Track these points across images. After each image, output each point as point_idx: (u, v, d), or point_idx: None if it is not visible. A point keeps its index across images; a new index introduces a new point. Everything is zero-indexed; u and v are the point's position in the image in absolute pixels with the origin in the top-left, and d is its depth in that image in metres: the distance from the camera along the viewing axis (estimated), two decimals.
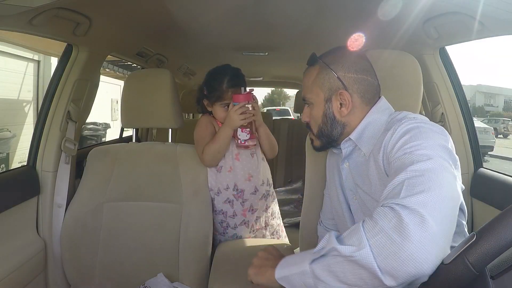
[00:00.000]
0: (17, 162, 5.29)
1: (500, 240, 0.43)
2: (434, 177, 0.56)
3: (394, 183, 0.58)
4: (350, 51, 0.82)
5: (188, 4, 1.13)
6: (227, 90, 1.19)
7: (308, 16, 1.25)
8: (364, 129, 0.78)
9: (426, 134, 0.66)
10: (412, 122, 0.69)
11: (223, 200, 1.25)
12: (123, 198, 1.20)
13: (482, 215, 1.16)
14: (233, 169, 1.25)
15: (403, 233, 0.50)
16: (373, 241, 0.52)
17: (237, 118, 1.12)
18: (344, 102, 0.78)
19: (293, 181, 2.41)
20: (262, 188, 1.29)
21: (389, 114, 0.79)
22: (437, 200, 0.53)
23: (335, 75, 0.79)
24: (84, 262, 1.17)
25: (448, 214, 0.53)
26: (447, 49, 1.23)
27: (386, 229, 0.52)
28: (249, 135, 1.16)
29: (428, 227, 0.50)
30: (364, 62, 0.81)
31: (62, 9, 0.96)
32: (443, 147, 0.64)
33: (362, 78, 0.79)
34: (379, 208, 0.56)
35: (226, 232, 1.28)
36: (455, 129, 1.23)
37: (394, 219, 0.52)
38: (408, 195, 0.54)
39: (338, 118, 0.80)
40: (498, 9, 0.80)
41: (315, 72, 0.82)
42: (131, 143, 1.32)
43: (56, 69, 1.23)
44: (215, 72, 1.26)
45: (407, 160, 0.61)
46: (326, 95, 0.80)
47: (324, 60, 0.82)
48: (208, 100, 1.25)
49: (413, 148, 0.63)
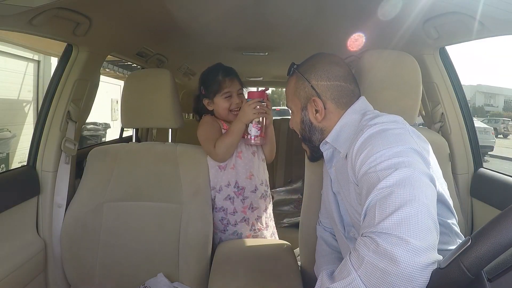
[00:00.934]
0: (17, 162, 5.29)
1: (495, 244, 0.43)
2: (402, 192, 0.56)
3: (367, 207, 0.59)
4: (324, 59, 0.85)
5: (188, 4, 1.13)
6: (224, 79, 1.25)
7: (308, 16, 1.25)
8: (340, 131, 0.81)
9: (388, 140, 0.65)
10: (374, 128, 0.69)
11: (223, 197, 1.27)
12: (123, 198, 1.20)
13: (482, 215, 1.16)
14: (235, 166, 1.27)
15: (384, 258, 0.52)
16: (360, 271, 0.55)
17: (251, 111, 1.15)
18: (318, 108, 0.82)
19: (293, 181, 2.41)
20: (261, 188, 1.31)
21: (362, 114, 0.79)
22: (411, 215, 0.53)
23: (308, 84, 0.83)
24: (84, 262, 1.17)
25: (425, 223, 0.53)
26: (447, 49, 1.23)
27: (368, 257, 0.54)
28: (259, 131, 1.18)
29: (408, 245, 0.50)
30: (338, 69, 0.83)
31: (62, 9, 0.96)
32: (409, 150, 0.63)
33: (334, 84, 0.81)
34: (359, 238, 0.58)
35: (227, 229, 1.28)
36: (455, 129, 1.23)
37: (373, 246, 0.54)
38: (382, 219, 0.54)
39: (315, 124, 0.84)
40: (498, 9, 0.80)
41: (293, 82, 0.88)
42: (131, 143, 1.32)
43: (56, 69, 1.23)
44: (208, 70, 1.32)
45: (373, 178, 0.61)
46: (302, 103, 0.85)
47: (299, 70, 0.86)
48: (207, 98, 1.28)
49: (377, 161, 0.62)
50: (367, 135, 0.68)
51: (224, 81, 1.25)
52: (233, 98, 1.26)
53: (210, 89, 1.26)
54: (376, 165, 0.62)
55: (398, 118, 0.73)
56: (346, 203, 0.79)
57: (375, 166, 0.62)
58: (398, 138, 0.65)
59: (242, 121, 1.17)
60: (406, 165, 0.59)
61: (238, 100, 1.26)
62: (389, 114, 0.75)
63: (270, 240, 1.35)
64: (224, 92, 1.25)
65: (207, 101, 1.29)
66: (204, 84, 1.29)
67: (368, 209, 0.59)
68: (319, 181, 1.03)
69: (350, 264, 0.57)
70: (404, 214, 0.53)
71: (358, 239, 0.58)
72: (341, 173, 0.80)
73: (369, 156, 0.64)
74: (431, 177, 0.61)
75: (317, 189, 1.04)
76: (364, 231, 0.58)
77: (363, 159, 0.65)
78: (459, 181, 1.21)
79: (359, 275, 0.55)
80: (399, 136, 0.66)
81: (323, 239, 0.98)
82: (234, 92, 1.26)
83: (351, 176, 0.71)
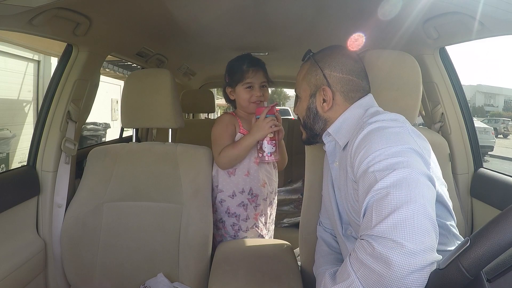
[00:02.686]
0: (17, 162, 5.29)
1: (494, 245, 0.43)
2: (399, 193, 0.55)
3: (365, 208, 0.59)
4: (341, 51, 0.85)
5: (188, 4, 1.13)
6: (247, 69, 1.23)
7: (308, 16, 1.25)
8: (342, 123, 0.81)
9: (387, 138, 0.64)
10: (373, 125, 0.68)
11: (237, 203, 1.26)
12: (123, 198, 1.20)
13: (482, 215, 1.16)
14: (250, 173, 1.25)
15: (380, 261, 0.52)
16: (359, 273, 0.55)
17: (267, 126, 1.13)
18: (326, 98, 0.82)
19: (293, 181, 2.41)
20: (271, 196, 1.32)
21: (365, 109, 0.79)
22: (407, 217, 0.53)
23: (321, 72, 0.83)
24: (84, 262, 1.17)
25: (422, 224, 0.53)
26: (447, 49, 1.23)
27: (365, 260, 0.54)
28: (274, 147, 1.17)
29: (403, 248, 0.50)
30: (353, 64, 0.83)
31: (62, 9, 0.96)
32: (408, 150, 0.62)
33: (347, 78, 0.81)
34: (358, 241, 0.58)
35: (237, 235, 1.28)
36: (455, 129, 1.23)
37: (369, 249, 0.54)
38: (378, 222, 0.54)
39: (320, 113, 0.85)
40: (498, 9, 0.80)
41: (306, 68, 0.87)
42: (131, 143, 1.32)
43: (56, 69, 1.23)
44: (235, 59, 1.29)
45: (371, 178, 0.61)
46: (312, 90, 0.85)
47: (314, 57, 0.86)
48: (230, 86, 1.27)
49: (375, 160, 0.62)
50: (366, 132, 0.68)
51: (248, 71, 1.22)
52: (254, 90, 1.23)
53: (233, 78, 1.25)
54: (374, 164, 0.61)
55: (399, 116, 0.73)
56: (344, 200, 0.79)
57: (373, 165, 0.61)
58: (397, 137, 0.65)
59: (255, 137, 1.15)
60: (404, 166, 0.59)
61: (259, 93, 1.24)
62: (391, 113, 0.75)
63: (270, 240, 1.35)
64: (246, 82, 1.23)
65: (229, 89, 1.28)
66: (228, 72, 1.28)
67: (366, 211, 0.59)
68: (319, 182, 1.03)
69: (349, 266, 0.57)
70: (400, 216, 0.53)
71: (357, 242, 0.59)
72: (342, 168, 0.80)
73: (367, 154, 0.64)
74: (430, 177, 0.61)
75: (317, 190, 1.04)
76: (362, 233, 0.58)
77: (362, 157, 0.65)
78: (459, 181, 1.21)
79: (357, 277, 0.55)
80: (398, 135, 0.65)
81: (323, 239, 0.98)
82: (257, 84, 1.24)
83: (350, 172, 0.71)
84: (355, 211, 0.75)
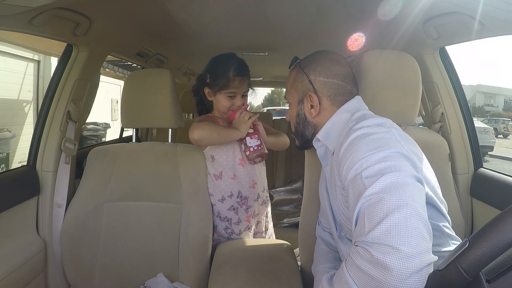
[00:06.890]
0: (17, 162, 5.29)
1: (493, 246, 0.43)
2: (389, 198, 0.55)
3: (357, 215, 0.59)
4: (326, 56, 0.86)
5: (188, 4, 1.13)
6: (234, 78, 1.17)
7: (308, 16, 1.24)
8: (330, 128, 0.82)
9: (372, 145, 0.64)
10: (358, 132, 0.68)
11: (227, 207, 1.24)
12: (123, 198, 1.20)
13: (482, 215, 1.16)
14: (237, 176, 1.23)
15: (377, 267, 0.52)
16: (357, 280, 0.55)
17: (245, 118, 1.15)
18: (313, 104, 0.83)
19: (293, 181, 2.41)
20: (263, 195, 1.31)
21: (352, 113, 0.79)
22: (400, 221, 0.53)
23: (307, 78, 0.84)
24: (84, 262, 1.17)
25: (415, 227, 0.52)
26: (447, 49, 1.23)
27: (363, 267, 0.54)
28: (259, 140, 1.17)
29: (399, 252, 0.50)
30: (338, 67, 0.83)
31: (62, 9, 0.96)
32: (394, 154, 0.62)
33: (332, 82, 0.82)
34: (353, 248, 0.58)
35: (231, 238, 1.27)
36: (455, 129, 1.23)
37: (366, 256, 0.54)
38: (371, 228, 0.54)
39: (309, 119, 0.86)
40: (498, 9, 0.80)
41: (293, 75, 0.89)
42: (131, 143, 1.32)
43: (56, 69, 1.23)
44: (221, 59, 1.21)
45: (360, 186, 0.60)
46: (299, 97, 0.86)
47: (300, 64, 0.87)
48: (210, 88, 1.21)
49: (362, 167, 0.61)
50: (351, 139, 0.68)
51: (234, 80, 1.16)
52: (236, 99, 1.20)
53: (216, 82, 1.18)
54: (362, 171, 0.61)
55: (385, 120, 0.72)
56: (334, 204, 0.79)
57: (361, 172, 0.61)
58: (382, 143, 0.64)
59: (239, 130, 1.14)
60: (392, 170, 0.59)
61: (240, 103, 1.20)
62: (377, 117, 0.74)
63: (270, 240, 1.35)
64: (230, 91, 1.17)
65: (208, 90, 1.22)
66: (211, 73, 1.20)
67: (358, 218, 0.59)
68: (318, 182, 1.03)
69: (346, 272, 0.57)
70: (393, 221, 0.53)
71: (352, 248, 0.58)
72: (333, 173, 0.80)
73: (354, 162, 0.63)
74: (419, 179, 0.61)
75: (317, 190, 1.03)
76: (356, 240, 0.57)
77: (348, 165, 0.65)
78: (459, 181, 1.21)
79: (355, 283, 0.55)
80: (383, 140, 0.65)
81: (322, 238, 0.98)
82: (240, 93, 1.20)
83: (337, 180, 0.71)
84: (345, 216, 0.75)
